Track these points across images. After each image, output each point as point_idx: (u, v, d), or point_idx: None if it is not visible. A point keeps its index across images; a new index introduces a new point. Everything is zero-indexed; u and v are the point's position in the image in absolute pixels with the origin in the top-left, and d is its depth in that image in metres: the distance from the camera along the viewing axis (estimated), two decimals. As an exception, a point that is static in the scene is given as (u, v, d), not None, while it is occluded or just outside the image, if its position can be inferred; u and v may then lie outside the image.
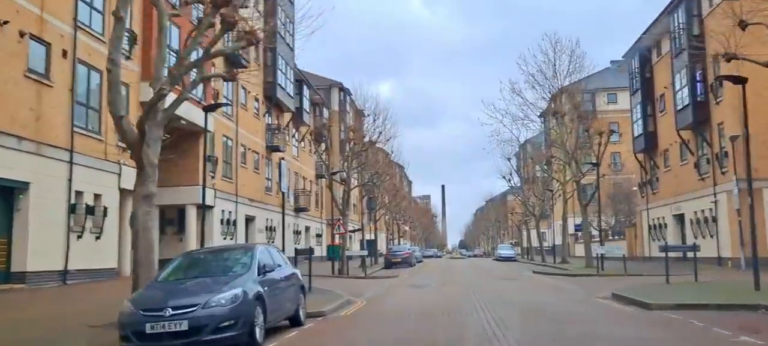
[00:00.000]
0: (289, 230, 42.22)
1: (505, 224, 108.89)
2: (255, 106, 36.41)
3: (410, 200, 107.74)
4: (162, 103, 13.52)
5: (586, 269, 32.57)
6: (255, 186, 35.64)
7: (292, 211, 43.78)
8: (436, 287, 22.24)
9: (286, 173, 19.33)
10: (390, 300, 17.67)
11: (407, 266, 44.02)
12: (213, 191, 29.31)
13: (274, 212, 38.73)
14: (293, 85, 42.18)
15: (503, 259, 60.84)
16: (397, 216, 72.11)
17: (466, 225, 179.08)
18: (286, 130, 41.83)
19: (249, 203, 34.37)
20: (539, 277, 28.39)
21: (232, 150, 32.21)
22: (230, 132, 32.05)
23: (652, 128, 37.44)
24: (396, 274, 32.83)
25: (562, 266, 36.87)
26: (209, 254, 11.91)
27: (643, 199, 40.48)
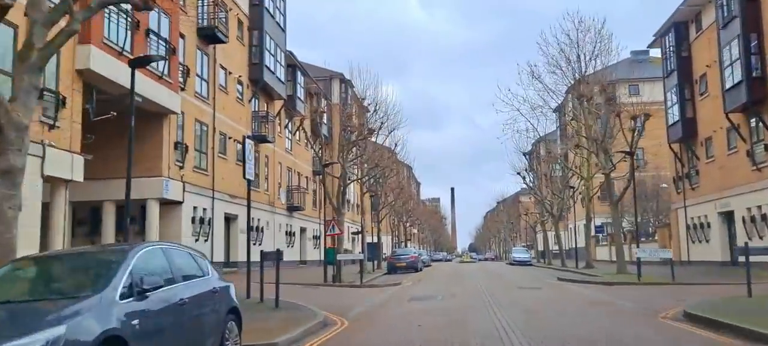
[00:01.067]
0: (281, 231, 37.85)
1: (517, 225, 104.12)
2: (238, 89, 32.05)
3: (418, 201, 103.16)
4: (40, 39, 9.26)
5: (619, 275, 28.00)
6: (237, 180, 31.23)
7: (285, 210, 39.39)
8: (445, 299, 17.75)
9: (252, 154, 14.84)
10: (381, 321, 13.22)
11: (413, 271, 39.55)
12: (181, 184, 24.96)
13: (261, 210, 34.34)
14: (285, 71, 37.83)
15: (518, 262, 56.28)
16: (403, 217, 67.53)
17: (476, 228, 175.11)
18: (276, 119, 37.46)
19: (229, 199, 30.00)
20: (568, 286, 23.82)
21: (207, 137, 27.85)
22: (205, 117, 27.69)
23: (690, 114, 32.79)
24: (398, 281, 28.38)
25: (589, 273, 32.26)
26: (56, 262, 7.32)
27: (679, 195, 35.81)
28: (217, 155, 28.76)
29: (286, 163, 40.07)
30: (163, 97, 22.66)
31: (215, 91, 28.68)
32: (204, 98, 27.63)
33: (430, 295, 19.27)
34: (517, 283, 25.74)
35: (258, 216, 33.91)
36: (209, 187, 27.69)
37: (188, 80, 25.84)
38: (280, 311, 13.84)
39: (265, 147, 35.54)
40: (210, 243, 27.33)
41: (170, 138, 24.29)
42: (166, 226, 24.55)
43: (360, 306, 16.11)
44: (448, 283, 27.20)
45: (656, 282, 22.97)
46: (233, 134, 30.80)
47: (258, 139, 33.99)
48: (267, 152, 36.15)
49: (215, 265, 26.49)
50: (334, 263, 28.48)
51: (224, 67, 30.01)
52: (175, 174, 24.56)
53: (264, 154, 35.60)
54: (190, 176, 25.82)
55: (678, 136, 33.94)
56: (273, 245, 35.89)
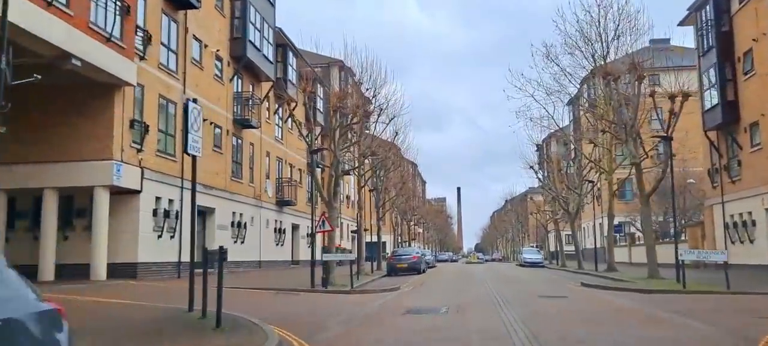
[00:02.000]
0: (269, 227, 34.01)
1: (526, 225, 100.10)
2: (217, 66, 28.21)
3: (422, 199, 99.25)
4: None
5: (653, 280, 24.09)
6: (214, 169, 27.47)
7: (273, 204, 35.55)
8: (450, 313, 13.84)
9: (199, 122, 10.91)
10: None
11: (415, 272, 35.67)
12: (138, 170, 21.14)
13: (244, 203, 30.52)
14: (273, 50, 33.99)
15: (529, 264, 52.33)
16: (407, 215, 63.61)
17: (483, 228, 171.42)
18: (263, 103, 33.60)
19: (204, 190, 26.16)
20: (598, 294, 19.85)
21: (175, 118, 24.03)
22: (173, 93, 23.86)
23: (731, 96, 28.74)
24: (396, 285, 24.52)
25: (615, 277, 28.29)
26: None
27: (715, 190, 31.77)
28: (188, 139, 24.89)
29: (276, 152, 36.22)
30: (112, 63, 18.86)
31: (186, 65, 24.84)
32: (171, 72, 23.79)
33: (432, 306, 15.37)
34: (536, 289, 21.80)
35: (240, 210, 30.12)
36: (178, 175, 23.87)
37: (150, 49, 22.02)
38: (220, 332, 10.02)
39: (249, 133, 31.72)
40: (178, 240, 23.51)
41: (124, 115, 20.47)
42: (120, 219, 20.77)
43: (338, 322, 12.24)
44: (455, 289, 23.30)
45: (706, 290, 19.02)
46: (210, 116, 26.96)
47: (241, 123, 30.22)
48: (252, 139, 32.32)
49: (186, 265, 22.66)
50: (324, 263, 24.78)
51: (199, 39, 26.18)
52: (130, 158, 20.74)
53: (248, 141, 31.78)
54: (152, 161, 22.01)
55: (716, 123, 29.89)
56: (259, 243, 32.17)
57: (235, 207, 29.63)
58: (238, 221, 29.87)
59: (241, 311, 12.38)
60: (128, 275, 20.64)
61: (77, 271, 19.75)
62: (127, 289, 17.51)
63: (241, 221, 30.12)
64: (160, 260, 22.30)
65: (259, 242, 32.56)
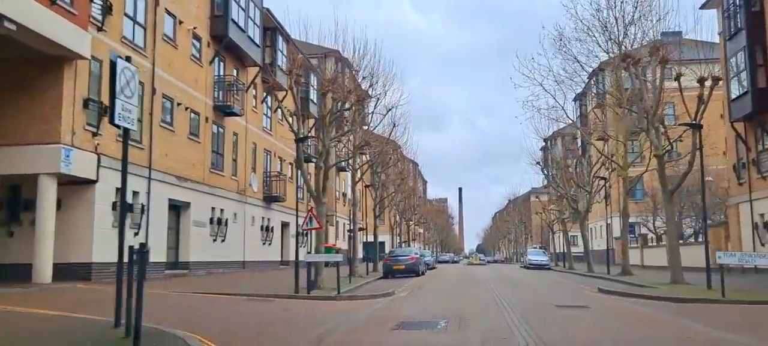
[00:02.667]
0: (254, 225, 31.34)
1: (529, 226, 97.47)
2: (195, 46, 25.55)
3: (422, 197, 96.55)
4: None
5: (679, 287, 21.43)
6: (191, 159, 24.81)
7: (260, 200, 32.88)
8: (450, 329, 11.15)
9: (135, 85, 8.11)
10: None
11: (413, 275, 33.02)
12: (94, 156, 18.48)
13: (226, 198, 27.85)
14: (261, 33, 31.32)
15: (534, 266, 49.64)
16: (406, 214, 60.86)
17: (483, 229, 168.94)
18: (249, 89, 30.92)
19: (176, 182, 23.51)
20: (622, 303, 17.11)
21: (142, 99, 21.34)
22: (141, 72, 21.14)
23: (763, 83, 26.03)
24: (390, 289, 21.83)
25: (633, 282, 25.56)
26: None
27: (741, 186, 29.06)
28: (158, 124, 22.26)
29: (263, 144, 33.54)
30: (60, 32, 16.21)
31: (156, 42, 22.17)
32: (137, 48, 21.09)
33: (429, 318, 12.68)
34: (549, 296, 19.10)
35: (221, 205, 27.43)
36: (145, 164, 21.20)
37: (111, 20, 19.35)
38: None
39: (232, 122, 29.05)
40: (143, 237, 20.82)
41: (77, 93, 17.81)
42: (72, 213, 18.14)
43: (307, 341, 9.56)
44: (456, 294, 20.61)
45: (753, 300, 16.29)
46: (185, 100, 24.32)
47: (222, 110, 27.54)
48: (236, 128, 29.65)
49: (155, 266, 19.99)
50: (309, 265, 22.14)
51: (172, 14, 23.52)
52: (84, 142, 18.09)
53: (231, 130, 29.11)
54: (112, 148, 19.33)
55: (745, 112, 27.17)
56: (243, 242, 29.46)
57: (215, 202, 26.97)
58: (219, 217, 27.21)
59: (186, 326, 9.71)
60: (80, 276, 17.99)
61: (22, 272, 17.10)
62: (66, 294, 14.84)
63: (221, 218, 27.46)
64: (121, 260, 19.59)
65: (242, 241, 29.90)
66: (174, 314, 11.99)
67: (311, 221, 21.94)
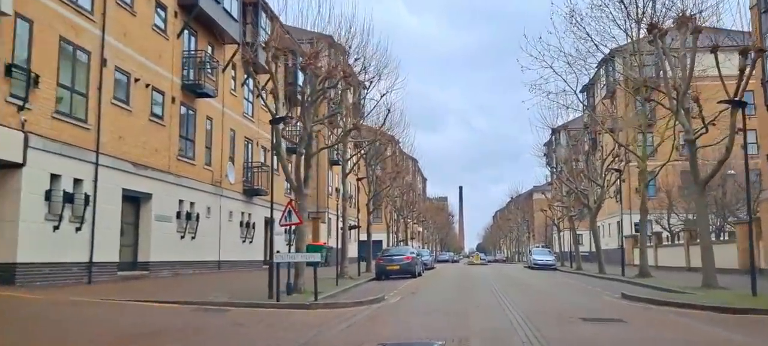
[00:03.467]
0: (232, 220, 28.22)
1: (532, 224, 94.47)
2: (159, 15, 22.39)
3: (421, 195, 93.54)
4: None
5: (712, 290, 18.34)
6: (152, 144, 21.67)
7: (240, 193, 29.75)
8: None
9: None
10: None
11: (408, 276, 29.95)
12: (20, 135, 15.31)
13: (198, 190, 24.73)
14: (239, 6, 28.17)
15: (540, 266, 46.51)
16: (404, 211, 57.69)
17: (484, 228, 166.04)
18: (225, 69, 27.77)
19: (133, 169, 20.37)
20: (660, 315, 13.92)
21: (88, 71, 18.20)
22: (85, 39, 18.01)
23: (805, 59, 22.86)
24: (380, 294, 18.67)
25: (660, 286, 22.38)
26: None
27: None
28: (110, 102, 19.10)
29: (244, 131, 30.39)
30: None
31: (107, 5, 18.98)
32: (82, 10, 17.90)
33: (420, 338, 9.56)
34: (567, 304, 15.99)
35: (192, 198, 24.31)
36: (91, 147, 18.06)
37: (44, -28, 16.21)
38: None
39: (205, 104, 25.92)
40: (88, 233, 17.69)
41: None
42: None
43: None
44: (456, 300, 17.49)
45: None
46: (146, 76, 21.17)
47: (193, 90, 24.40)
48: (210, 112, 26.52)
49: (103, 267, 16.85)
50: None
51: (128, -25, 20.38)
52: (5, 117, 14.93)
53: (205, 113, 25.98)
54: (47, 126, 16.19)
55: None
56: (218, 239, 26.32)
57: (184, 194, 23.83)
58: (188, 211, 24.07)
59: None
60: (2, 280, 14.85)
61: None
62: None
63: (191, 212, 24.32)
64: (56, 260, 16.48)
65: (218, 239, 26.78)
66: (44, 335, 8.91)
67: (290, 216, 18.93)
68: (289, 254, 16.81)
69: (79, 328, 10.04)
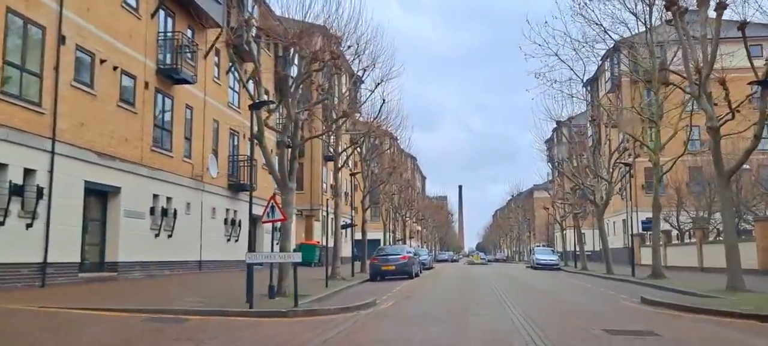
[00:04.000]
0: (215, 217, 26.31)
1: (533, 223, 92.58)
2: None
3: (419, 192, 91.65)
4: None
5: (741, 293, 16.46)
6: (121, 133, 19.68)
7: (224, 188, 27.80)
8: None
9: None
10: None
11: (405, 276, 28.05)
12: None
13: (175, 183, 22.78)
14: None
15: (543, 266, 44.62)
16: (402, 209, 55.69)
17: (484, 227, 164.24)
18: (207, 55, 25.80)
19: (98, 160, 18.39)
20: (703, 328, 11.88)
21: (42, 48, 16.21)
22: (39, 12, 16.00)
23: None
24: (373, 298, 16.73)
25: (681, 288, 20.43)
26: None
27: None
28: (70, 84, 17.12)
29: (229, 122, 28.40)
30: None
31: (64, -26, 17.01)
32: (35, -21, 15.95)
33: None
34: (584, 311, 14.05)
35: (168, 192, 22.36)
36: (46, 133, 16.08)
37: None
38: None
39: (184, 92, 23.95)
40: (42, 230, 15.72)
41: None
42: None
43: None
44: (456, 305, 15.52)
45: None
46: (114, 58, 19.19)
47: (169, 76, 22.43)
48: (191, 100, 24.56)
49: (61, 267, 14.83)
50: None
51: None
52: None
53: (184, 102, 24.01)
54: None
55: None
56: (200, 238, 24.39)
57: (159, 188, 21.85)
58: (164, 207, 22.08)
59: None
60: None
61: None
62: None
63: (168, 208, 22.33)
64: (2, 261, 14.51)
65: (199, 237, 24.81)
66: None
67: (273, 212, 17.02)
68: (264, 253, 14.77)
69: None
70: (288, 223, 18.70)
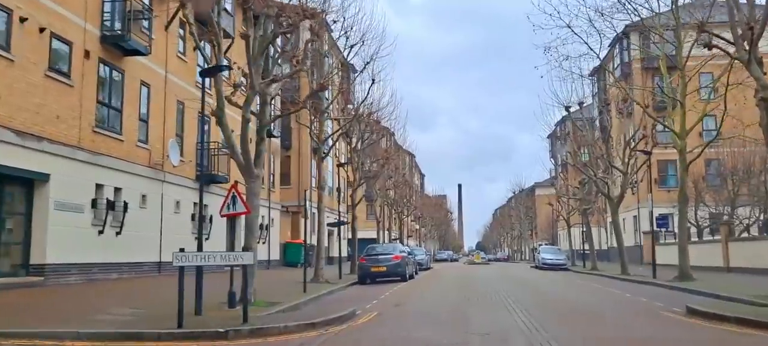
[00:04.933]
0: (180, 212, 23.04)
1: (535, 220, 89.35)
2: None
3: (418, 190, 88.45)
4: None
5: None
6: (52, 109, 16.32)
7: (191, 180, 24.51)
8: None
9: None
10: None
11: (397, 279, 24.80)
12: None
13: (125, 172, 19.43)
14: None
15: (549, 266, 41.33)
16: (398, 205, 52.29)
17: (484, 226, 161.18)
18: (168, 25, 22.39)
19: (18, 141, 15.04)
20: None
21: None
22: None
23: None
24: (351, 308, 13.42)
25: (727, 294, 17.05)
26: None
27: None
28: (-26, 45, 13.77)
29: (197, 105, 24.86)
30: None
31: None
32: None
33: None
34: (624, 329, 10.78)
35: (116, 182, 19.07)
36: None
37: None
38: None
39: (137, 65, 20.61)
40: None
41: None
42: None
43: None
44: (455, 319, 12.16)
45: None
46: (41, 18, 15.85)
47: (117, 44, 19.08)
48: (147, 76, 21.22)
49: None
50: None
51: None
52: None
53: (137, 77, 20.66)
54: None
55: None
56: (158, 234, 21.08)
57: (104, 176, 18.49)
58: (110, 199, 18.69)
59: None
60: None
61: None
62: None
63: (116, 200, 18.96)
64: None
65: (158, 235, 21.46)
66: None
67: (235, 203, 13.94)
68: (199, 253, 11.38)
69: None
70: (253, 217, 15.53)
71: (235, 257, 11.24)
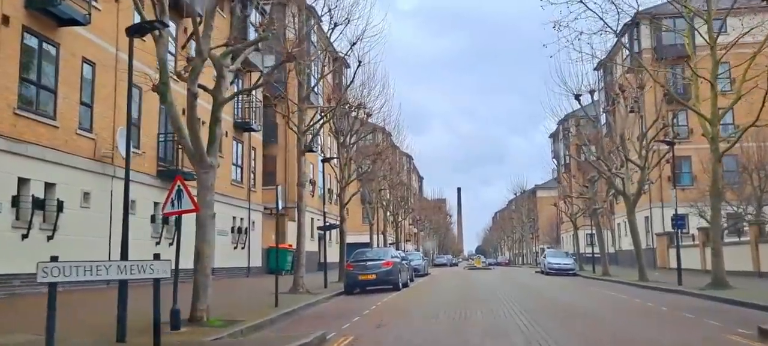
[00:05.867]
0: (138, 214, 19.84)
1: (537, 223, 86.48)
2: None
3: (416, 193, 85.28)
4: None
5: None
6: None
7: (150, 175, 21.33)
8: None
9: None
10: None
11: (388, 288, 21.73)
12: None
13: (61, 164, 16.25)
14: None
15: (556, 271, 38.10)
16: (393, 207, 49.07)
17: (484, 229, 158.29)
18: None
19: None
20: None
21: None
22: None
23: None
24: (320, 331, 10.23)
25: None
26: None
27: None
28: None
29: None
30: None
31: None
32: None
33: None
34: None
35: (48, 176, 15.86)
36: None
37: None
38: None
39: (80, 39, 17.44)
40: None
41: None
42: None
43: None
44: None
45: None
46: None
47: (43, 9, 15.93)
48: (90, 53, 18.05)
49: None
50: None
51: None
52: None
53: (76, 53, 17.49)
54: None
55: None
56: (107, 239, 17.86)
57: (29, 169, 15.30)
58: (38, 197, 15.50)
59: None
60: None
61: None
62: None
63: (47, 199, 15.78)
64: None
65: (107, 239, 18.22)
66: None
67: (180, 198, 10.92)
68: (71, 262, 8.03)
69: None
70: (204, 215, 12.47)
71: (140, 267, 8.05)
